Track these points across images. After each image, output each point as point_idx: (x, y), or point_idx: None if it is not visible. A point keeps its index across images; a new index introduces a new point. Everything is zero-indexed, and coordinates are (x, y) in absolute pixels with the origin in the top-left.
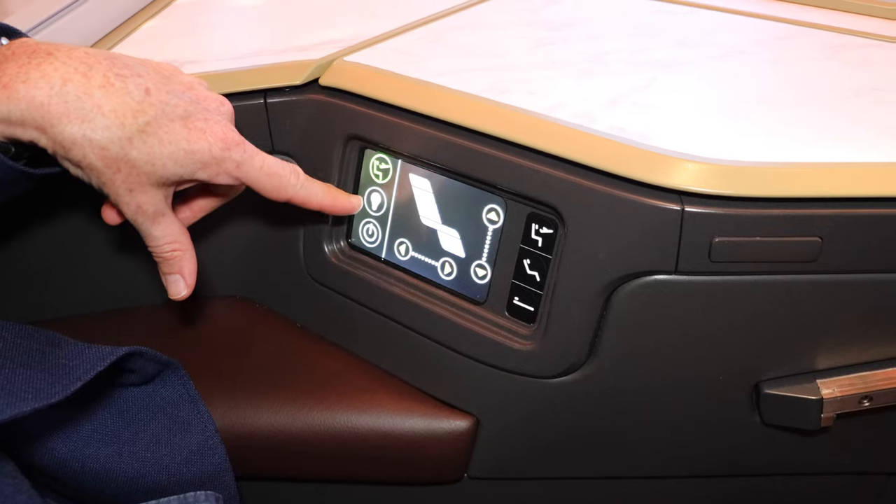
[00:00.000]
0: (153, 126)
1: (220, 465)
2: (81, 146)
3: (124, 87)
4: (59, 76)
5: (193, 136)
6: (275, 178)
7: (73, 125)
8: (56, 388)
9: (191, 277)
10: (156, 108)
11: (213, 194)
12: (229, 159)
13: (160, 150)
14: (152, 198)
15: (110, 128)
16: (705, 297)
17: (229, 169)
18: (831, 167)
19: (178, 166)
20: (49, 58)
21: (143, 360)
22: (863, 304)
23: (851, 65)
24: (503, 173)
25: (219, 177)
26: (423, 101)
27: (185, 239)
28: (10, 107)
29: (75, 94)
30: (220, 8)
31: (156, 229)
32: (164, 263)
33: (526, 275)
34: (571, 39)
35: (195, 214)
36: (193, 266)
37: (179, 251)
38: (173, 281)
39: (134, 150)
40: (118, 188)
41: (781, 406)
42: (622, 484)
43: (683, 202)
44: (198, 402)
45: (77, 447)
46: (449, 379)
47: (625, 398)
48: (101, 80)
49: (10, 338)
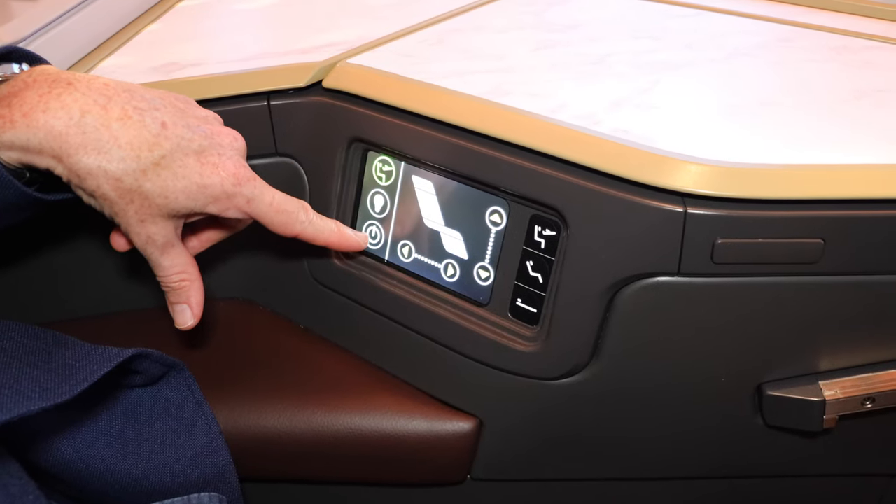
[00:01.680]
0: (168, 160)
1: (225, 466)
2: (96, 177)
3: (141, 121)
4: (78, 107)
5: (207, 170)
6: (283, 214)
7: (89, 156)
8: (63, 389)
9: (198, 307)
10: (171, 141)
11: (221, 226)
12: (240, 195)
13: (174, 184)
14: (162, 229)
15: (126, 160)
16: (708, 299)
17: (240, 204)
18: (834, 169)
19: (190, 200)
20: (69, 88)
21: (149, 362)
22: (865, 306)
23: (854, 67)
24: (506, 175)
25: (229, 211)
26: (426, 104)
27: (192, 269)
28: (29, 135)
29: (93, 126)
30: (223, 11)
31: (165, 259)
32: (172, 293)
33: (529, 276)
34: (574, 41)
35: (202, 244)
36: (201, 296)
37: (187, 281)
38: (180, 311)
39: (148, 182)
40: (130, 218)
41: (784, 407)
42: (625, 485)
43: (686, 204)
44: (202, 403)
45: (82, 448)
46: (452, 380)
47: (627, 400)
48: (119, 112)
49: (17, 338)
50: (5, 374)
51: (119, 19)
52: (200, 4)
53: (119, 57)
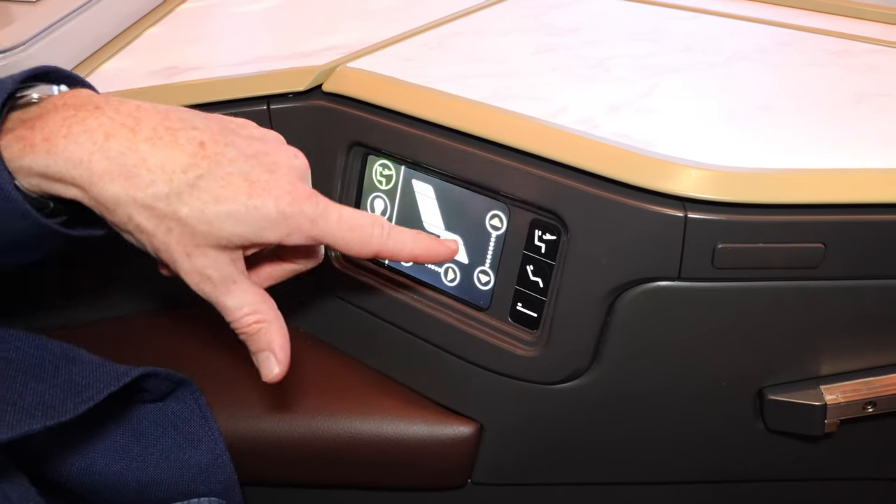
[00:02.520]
0: (206, 181)
1: (229, 482)
2: (126, 206)
3: (174, 140)
4: (102, 131)
5: (256, 190)
6: (356, 230)
7: (115, 183)
8: (67, 406)
9: (282, 352)
10: (210, 160)
11: (284, 259)
12: (300, 215)
13: (216, 208)
14: (214, 261)
15: (156, 183)
16: (708, 304)
17: (302, 226)
18: (834, 173)
19: (240, 225)
20: (96, 112)
21: (157, 380)
22: (866, 310)
23: (854, 70)
24: (506, 179)
25: (291, 237)
26: (426, 107)
27: (267, 307)
28: (49, 161)
29: (118, 150)
30: (223, 14)
31: (229, 299)
32: (249, 340)
33: (529, 281)
34: (574, 45)
35: (262, 282)
36: (284, 339)
37: (263, 322)
38: (263, 360)
39: (185, 206)
40: (173, 252)
41: (785, 412)
42: (625, 490)
43: (686, 208)
44: (209, 419)
45: (87, 463)
46: (452, 385)
47: (628, 404)
48: (148, 133)
49: (24, 348)
50: (9, 389)
51: (119, 23)
52: (201, 8)
53: (119, 60)
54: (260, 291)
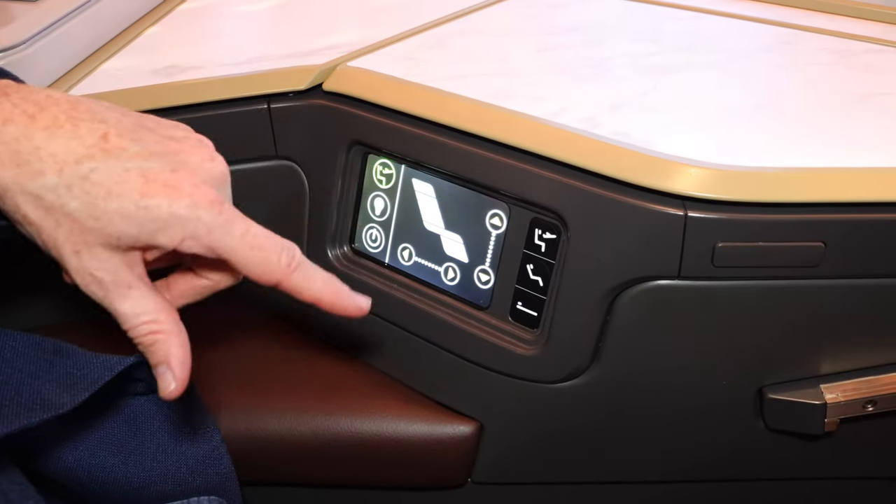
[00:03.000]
0: (99, 174)
1: (226, 474)
2: (14, 194)
3: (74, 130)
4: (1, 117)
5: (151, 189)
6: (259, 251)
7: (5, 169)
8: (64, 399)
9: (181, 368)
10: (107, 154)
11: (198, 274)
12: (197, 220)
13: (106, 204)
14: (105, 263)
15: (45, 173)
16: (708, 302)
17: (199, 233)
18: (835, 172)
19: (130, 224)
20: (1, 98)
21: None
22: (866, 309)
23: (856, 69)
24: (506, 178)
25: (185, 243)
26: (426, 106)
27: (166, 317)
28: None
29: (13, 136)
30: (223, 14)
31: (122, 304)
32: (147, 351)
33: (529, 280)
34: (575, 44)
35: (174, 299)
36: (184, 353)
37: (160, 334)
38: (160, 374)
39: (74, 200)
40: (61, 248)
41: (785, 411)
42: (625, 489)
43: (686, 207)
44: (204, 411)
45: (83, 456)
46: (452, 384)
47: (628, 403)
48: (48, 121)
49: (18, 347)
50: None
51: (120, 22)
52: (201, 7)
53: (120, 60)
54: (161, 300)
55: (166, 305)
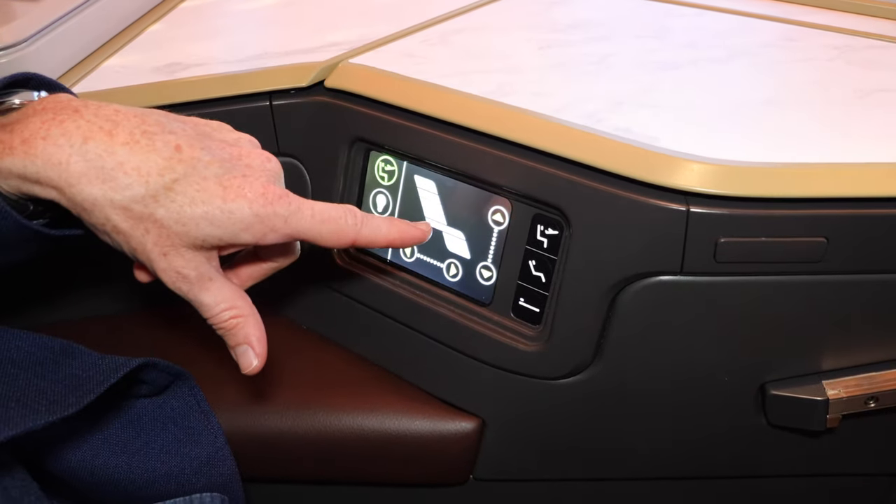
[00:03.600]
0: (182, 184)
1: (230, 475)
2: (102, 207)
3: (151, 144)
4: (80, 133)
5: (230, 194)
6: (330, 223)
7: (92, 185)
8: (69, 401)
9: (259, 345)
10: (185, 164)
11: (262, 259)
12: (274, 215)
13: (191, 210)
14: (190, 261)
15: (132, 186)
16: (710, 298)
17: (277, 226)
18: (836, 167)
19: (216, 227)
20: (74, 115)
21: (156, 372)
22: (868, 305)
23: (857, 66)
24: (508, 174)
25: (267, 237)
26: (428, 103)
27: (243, 303)
28: (27, 162)
29: (96, 153)
30: (225, 11)
31: (205, 296)
32: (227, 335)
33: (531, 276)
34: (577, 41)
35: (242, 283)
36: (261, 332)
37: (239, 317)
38: (241, 353)
39: (161, 208)
40: (150, 252)
41: (787, 407)
42: (628, 485)
43: (689, 203)
44: (208, 413)
45: (87, 457)
46: (454, 380)
47: (630, 399)
48: (125, 137)
49: (25, 347)
50: (12, 387)
51: (122, 19)
52: (203, 4)
53: (122, 57)
54: (235, 287)
55: (241, 292)
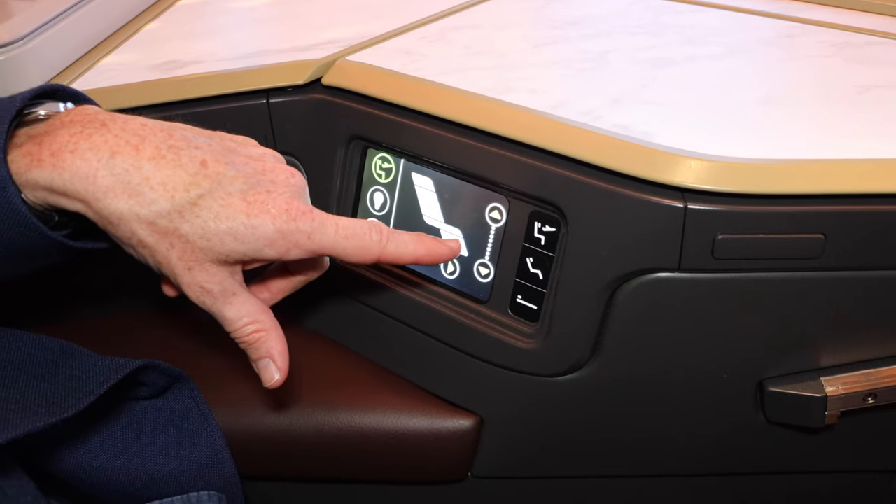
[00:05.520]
0: (207, 199)
1: (229, 478)
2: (129, 221)
3: (177, 160)
4: (108, 148)
5: (254, 210)
6: (354, 239)
7: (119, 199)
8: (69, 402)
9: (281, 359)
10: (211, 180)
11: (292, 273)
12: (297, 232)
13: (216, 225)
14: (214, 276)
15: (158, 201)
16: (708, 295)
17: (300, 241)
18: (835, 164)
19: (240, 243)
20: (102, 129)
21: (156, 374)
22: (867, 301)
23: (856, 62)
24: (506, 172)
25: (290, 252)
26: (425, 101)
27: (265, 317)
28: (55, 175)
29: (123, 167)
30: (222, 10)
31: (228, 311)
32: (249, 348)
33: (529, 273)
34: (574, 38)
35: (274, 296)
36: (283, 346)
37: (262, 331)
38: (263, 367)
39: (186, 223)
40: (175, 266)
41: (785, 404)
42: (626, 482)
43: (686, 199)
44: (207, 415)
45: (86, 458)
46: (452, 378)
47: (628, 396)
48: (152, 151)
49: (24, 348)
50: (11, 389)
51: (118, 17)
52: (200, 2)
53: (118, 55)
54: (258, 302)
55: (263, 306)
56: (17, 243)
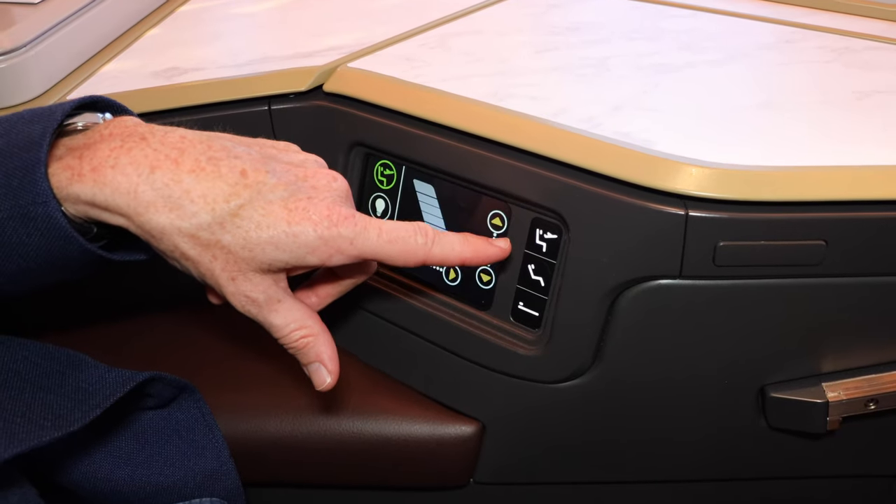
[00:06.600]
0: (247, 209)
1: (233, 489)
2: (171, 235)
3: (216, 171)
4: (148, 162)
5: (295, 217)
6: (398, 243)
7: (160, 214)
8: (75, 415)
9: (332, 362)
10: (251, 189)
11: (339, 277)
12: (340, 237)
13: (257, 235)
14: (258, 285)
15: (199, 214)
16: (710, 302)
17: (343, 247)
18: (835, 170)
19: (282, 252)
20: (141, 143)
21: (161, 385)
22: (868, 307)
23: (856, 67)
24: (507, 179)
25: (333, 258)
26: (426, 107)
27: (312, 322)
28: (96, 191)
29: (163, 182)
30: (224, 16)
31: (275, 318)
32: (298, 354)
33: (530, 280)
34: (575, 44)
35: (321, 301)
36: (332, 349)
37: (310, 336)
38: (314, 371)
39: (227, 234)
40: (218, 277)
41: (787, 410)
42: (628, 488)
43: (687, 206)
44: (213, 426)
45: (90, 469)
46: (454, 384)
47: (630, 403)
48: (191, 164)
49: (31, 358)
50: (17, 401)
51: (120, 24)
52: (201, 9)
53: (120, 62)
54: (304, 307)
55: (310, 311)
56: (56, 256)
